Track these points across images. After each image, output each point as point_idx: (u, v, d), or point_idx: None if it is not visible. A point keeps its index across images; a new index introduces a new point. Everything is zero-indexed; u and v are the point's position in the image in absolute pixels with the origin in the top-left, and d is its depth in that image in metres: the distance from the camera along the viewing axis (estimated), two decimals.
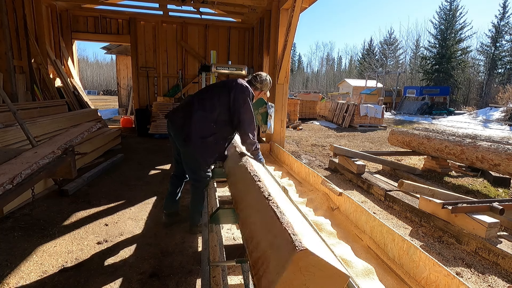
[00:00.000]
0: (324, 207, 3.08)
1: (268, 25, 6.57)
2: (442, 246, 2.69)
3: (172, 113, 2.46)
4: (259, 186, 1.48)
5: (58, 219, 2.87)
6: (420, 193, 3.34)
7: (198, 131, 2.28)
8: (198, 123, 2.28)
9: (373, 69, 36.71)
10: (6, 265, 2.12)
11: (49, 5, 7.07)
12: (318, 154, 6.61)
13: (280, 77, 5.72)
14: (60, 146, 2.43)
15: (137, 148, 6.38)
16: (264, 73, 2.63)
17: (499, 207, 2.73)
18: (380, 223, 2.25)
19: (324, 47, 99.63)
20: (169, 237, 2.63)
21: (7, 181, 1.74)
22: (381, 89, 25.85)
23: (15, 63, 5.59)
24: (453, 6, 31.70)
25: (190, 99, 2.45)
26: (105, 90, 45.24)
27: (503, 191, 4.32)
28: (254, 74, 2.63)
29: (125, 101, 12.98)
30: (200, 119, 2.29)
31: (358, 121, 12.12)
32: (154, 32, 8.31)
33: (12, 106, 3.52)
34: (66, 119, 5.23)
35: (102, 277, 2.05)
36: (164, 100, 8.35)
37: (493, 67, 31.36)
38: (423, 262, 1.83)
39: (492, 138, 4.66)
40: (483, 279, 2.24)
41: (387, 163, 5.09)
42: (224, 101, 2.33)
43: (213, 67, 5.46)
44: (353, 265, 2.00)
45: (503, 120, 15.83)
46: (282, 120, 5.98)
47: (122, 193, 3.65)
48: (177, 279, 2.06)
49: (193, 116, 2.29)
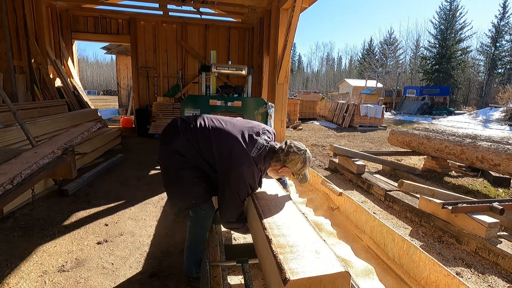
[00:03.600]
0: (324, 207, 3.08)
1: (268, 25, 6.57)
2: (442, 246, 2.69)
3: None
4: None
5: (58, 219, 2.87)
6: (420, 193, 3.34)
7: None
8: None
9: (373, 69, 36.71)
10: (6, 265, 2.12)
11: (49, 5, 7.07)
12: (318, 154, 6.61)
13: (280, 77, 5.72)
14: (60, 146, 2.43)
15: (137, 148, 6.38)
16: (302, 146, 1.73)
17: (499, 207, 2.73)
18: (380, 223, 2.25)
19: (324, 47, 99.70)
20: (169, 237, 2.63)
21: (7, 181, 1.74)
22: (381, 89, 25.85)
23: (15, 63, 5.59)
24: (453, 6, 31.69)
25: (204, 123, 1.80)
26: (105, 90, 45.23)
27: (503, 191, 4.32)
28: (289, 143, 1.74)
29: (125, 101, 12.98)
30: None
31: (358, 121, 12.12)
32: (154, 32, 8.31)
33: (12, 106, 3.52)
34: (66, 119, 5.23)
35: (102, 277, 2.05)
36: (164, 100, 8.35)
37: (493, 67, 31.35)
38: (423, 262, 1.83)
39: (492, 138, 4.65)
40: (483, 279, 2.23)
41: (387, 163, 5.09)
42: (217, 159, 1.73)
43: (213, 67, 5.45)
44: (353, 265, 2.00)
45: (503, 120, 15.83)
46: (282, 120, 5.98)
47: (122, 193, 3.65)
48: (177, 279, 2.06)
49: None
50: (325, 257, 1.06)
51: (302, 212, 1.50)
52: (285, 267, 0.98)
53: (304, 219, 1.42)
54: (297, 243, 1.17)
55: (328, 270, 0.98)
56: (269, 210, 1.48)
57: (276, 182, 2.08)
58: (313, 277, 0.95)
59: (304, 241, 1.19)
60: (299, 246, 1.14)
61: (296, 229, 1.29)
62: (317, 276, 0.95)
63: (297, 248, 1.12)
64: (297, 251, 1.11)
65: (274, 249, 1.11)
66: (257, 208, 1.48)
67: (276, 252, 1.09)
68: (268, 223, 1.32)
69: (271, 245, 1.14)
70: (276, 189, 1.90)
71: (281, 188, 2.00)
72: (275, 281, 1.04)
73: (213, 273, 1.77)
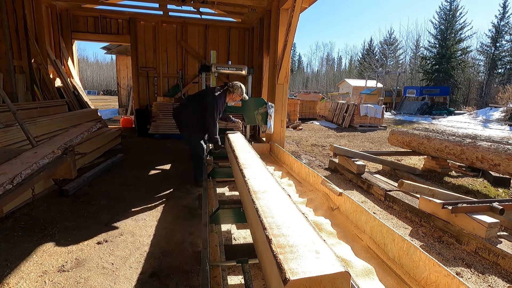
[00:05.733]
0: (324, 207, 3.08)
1: (268, 25, 6.57)
2: (442, 246, 2.69)
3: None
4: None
5: (58, 219, 2.87)
6: (420, 193, 3.34)
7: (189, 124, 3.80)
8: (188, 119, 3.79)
9: (373, 69, 36.72)
10: (6, 265, 2.12)
11: (49, 5, 7.07)
12: (318, 154, 6.61)
13: (280, 77, 5.72)
14: (60, 146, 2.43)
15: (137, 148, 6.38)
16: (238, 83, 3.86)
17: (499, 207, 2.73)
18: (380, 223, 2.25)
19: (324, 47, 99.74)
20: (169, 237, 2.64)
21: (7, 181, 1.74)
22: (381, 89, 25.85)
23: (15, 63, 5.60)
24: (453, 6, 31.70)
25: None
26: (105, 90, 45.23)
27: (503, 191, 4.32)
28: (230, 83, 3.86)
29: (125, 101, 12.98)
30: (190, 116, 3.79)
31: (358, 121, 12.12)
32: (154, 32, 8.31)
33: (12, 106, 3.52)
34: (66, 119, 5.23)
35: (102, 277, 2.05)
36: (164, 100, 8.35)
37: (493, 67, 31.36)
38: (423, 262, 1.83)
39: (492, 138, 4.65)
40: (483, 279, 2.24)
41: (387, 163, 5.09)
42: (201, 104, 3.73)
43: (213, 67, 5.46)
44: (353, 265, 2.00)
45: (503, 120, 15.83)
46: (282, 120, 5.98)
47: (122, 193, 3.65)
48: (177, 279, 2.06)
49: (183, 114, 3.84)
50: (325, 257, 1.06)
51: (302, 212, 1.50)
52: (285, 267, 0.98)
53: (304, 219, 1.41)
54: (297, 243, 1.17)
55: (328, 270, 0.98)
56: (269, 210, 1.48)
57: (276, 182, 2.07)
58: (313, 277, 0.95)
59: (304, 241, 1.19)
60: (299, 246, 1.14)
61: (296, 229, 1.29)
62: (317, 276, 0.96)
63: (297, 248, 1.12)
64: (297, 251, 1.11)
65: (274, 249, 1.11)
66: (257, 208, 1.48)
67: (276, 252, 1.09)
68: (268, 223, 1.32)
69: (271, 245, 1.14)
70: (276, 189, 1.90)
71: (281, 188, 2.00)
72: (275, 281, 1.04)
73: (213, 273, 1.77)
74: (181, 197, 3.61)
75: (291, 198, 1.72)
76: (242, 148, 2.93)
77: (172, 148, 6.49)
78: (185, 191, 3.84)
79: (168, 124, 7.45)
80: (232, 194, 3.66)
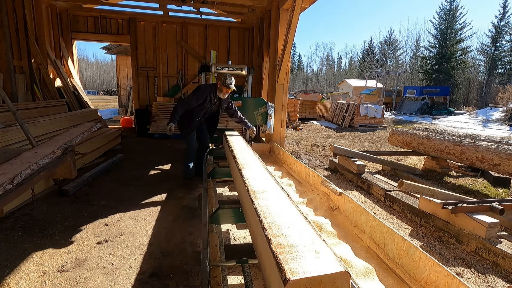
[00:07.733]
0: (324, 207, 3.08)
1: (268, 25, 6.57)
2: (442, 246, 2.69)
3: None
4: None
5: (58, 219, 2.87)
6: (420, 193, 3.34)
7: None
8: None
9: (373, 69, 36.72)
10: (6, 265, 2.12)
11: (49, 5, 7.07)
12: (318, 154, 6.61)
13: (280, 77, 5.72)
14: (60, 146, 2.43)
15: (137, 148, 6.38)
16: (227, 74, 4.02)
17: (499, 207, 2.73)
18: (380, 223, 2.25)
19: (324, 47, 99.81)
20: (169, 237, 2.63)
21: (7, 181, 1.74)
22: (381, 89, 25.85)
23: (15, 63, 5.60)
24: (453, 6, 31.69)
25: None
26: (105, 90, 45.23)
27: (503, 191, 4.32)
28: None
29: (125, 101, 12.98)
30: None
31: (358, 121, 12.12)
32: (154, 32, 8.31)
33: (12, 106, 3.52)
34: (66, 119, 5.23)
35: (102, 277, 2.05)
36: (164, 100, 8.35)
37: (493, 67, 31.35)
38: (423, 262, 1.83)
39: (492, 138, 4.65)
40: (483, 279, 2.23)
41: (387, 163, 5.09)
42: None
43: (213, 67, 5.47)
44: (353, 265, 2.00)
45: (503, 120, 15.83)
46: (282, 120, 5.98)
47: (122, 193, 3.65)
48: (177, 279, 2.06)
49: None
50: (325, 257, 1.06)
51: (302, 212, 1.50)
52: (285, 267, 0.98)
53: (303, 219, 1.41)
54: (296, 243, 1.17)
55: (328, 270, 0.98)
56: (268, 210, 1.48)
57: (275, 182, 2.07)
58: (313, 277, 0.95)
59: (303, 241, 1.19)
60: (298, 246, 1.14)
61: (296, 229, 1.29)
62: (317, 276, 0.95)
63: (296, 248, 1.12)
64: (296, 251, 1.11)
65: (274, 249, 1.11)
66: (256, 208, 1.48)
67: (276, 252, 1.09)
68: (267, 223, 1.32)
69: (271, 245, 1.14)
70: (275, 189, 1.90)
71: (281, 188, 2.00)
72: (275, 281, 1.04)
73: (213, 273, 1.77)
74: (181, 197, 3.61)
75: (290, 198, 1.72)
76: (241, 148, 2.94)
77: (172, 148, 6.49)
78: (185, 191, 3.84)
79: None
80: (232, 194, 3.66)
